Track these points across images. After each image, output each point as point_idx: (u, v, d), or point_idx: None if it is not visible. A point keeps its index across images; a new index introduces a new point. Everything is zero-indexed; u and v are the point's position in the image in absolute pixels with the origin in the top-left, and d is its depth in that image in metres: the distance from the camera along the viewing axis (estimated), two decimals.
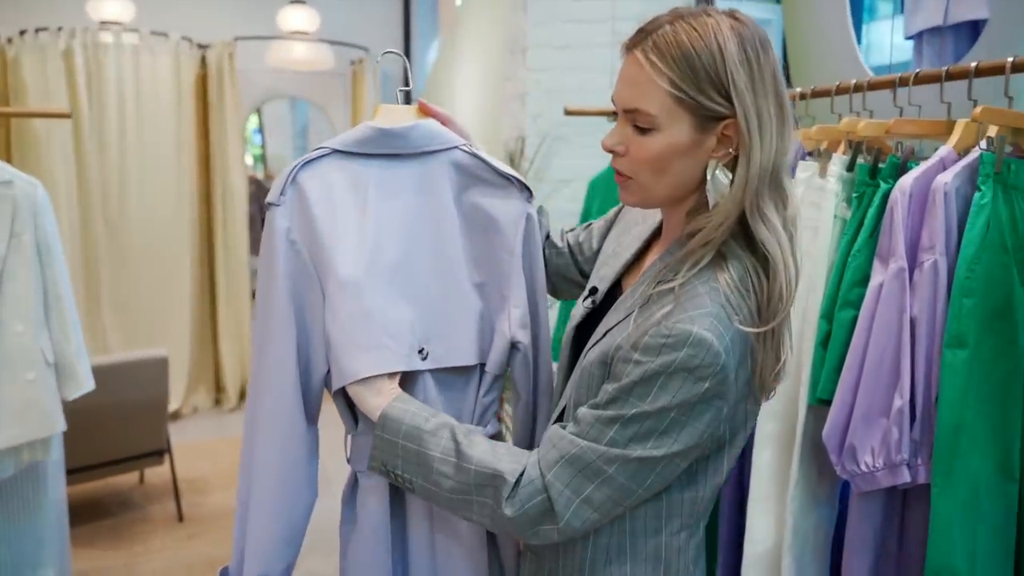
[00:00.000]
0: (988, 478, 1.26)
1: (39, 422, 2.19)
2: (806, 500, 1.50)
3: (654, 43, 0.91)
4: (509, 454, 0.99)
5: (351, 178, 1.10)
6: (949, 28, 2.24)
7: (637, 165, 0.96)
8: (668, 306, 0.92)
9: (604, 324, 1.02)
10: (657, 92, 0.91)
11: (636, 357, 0.90)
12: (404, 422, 1.02)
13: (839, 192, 1.50)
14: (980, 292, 1.23)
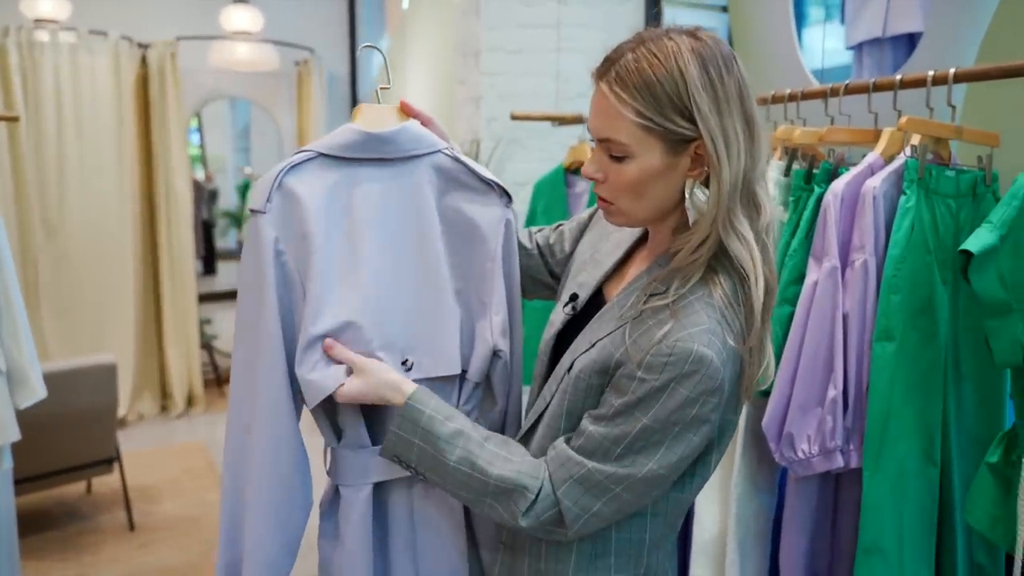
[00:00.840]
0: (913, 463, 1.37)
1: None
2: (748, 488, 1.59)
3: (617, 74, 0.95)
4: (526, 465, 1.01)
5: (337, 183, 1.07)
6: (888, 40, 2.37)
7: (617, 191, 0.99)
8: (667, 324, 0.94)
9: (591, 332, 1.04)
10: (625, 122, 0.94)
11: (640, 375, 0.93)
12: (420, 424, 1.03)
13: (776, 196, 1.59)
14: (906, 289, 1.33)
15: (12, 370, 2.23)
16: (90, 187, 4.94)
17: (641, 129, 0.94)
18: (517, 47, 2.98)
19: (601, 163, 0.99)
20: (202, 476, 4.25)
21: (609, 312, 1.04)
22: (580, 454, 0.98)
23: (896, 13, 2.37)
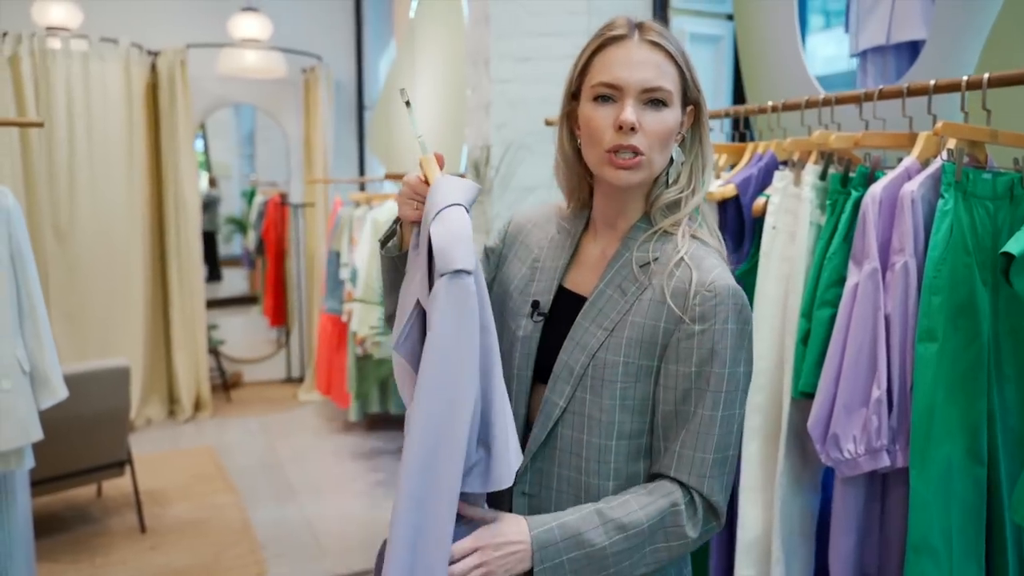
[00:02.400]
0: (959, 461, 1.38)
1: (16, 431, 2.17)
2: (792, 487, 1.61)
3: (659, 33, 1.06)
4: (650, 496, 1.03)
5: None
6: (891, 47, 2.40)
7: (651, 139, 1.05)
8: (689, 268, 1.05)
9: (591, 322, 1.08)
10: (671, 72, 1.06)
11: (698, 329, 1.02)
12: (557, 542, 0.99)
13: (813, 199, 1.61)
14: (946, 290, 1.35)
15: (34, 371, 2.24)
16: (100, 194, 4.95)
17: (679, 81, 1.07)
18: (525, 55, 3.01)
19: (641, 115, 1.05)
20: (212, 480, 4.25)
21: (604, 297, 1.09)
22: (696, 442, 1.02)
23: (899, 21, 2.40)
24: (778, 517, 1.60)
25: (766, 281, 1.66)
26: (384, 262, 1.19)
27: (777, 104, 1.87)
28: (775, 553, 1.60)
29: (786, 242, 1.65)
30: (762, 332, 1.65)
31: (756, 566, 1.65)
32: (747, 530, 1.65)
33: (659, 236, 1.10)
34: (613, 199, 1.13)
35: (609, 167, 1.06)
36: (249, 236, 7.12)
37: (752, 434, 1.66)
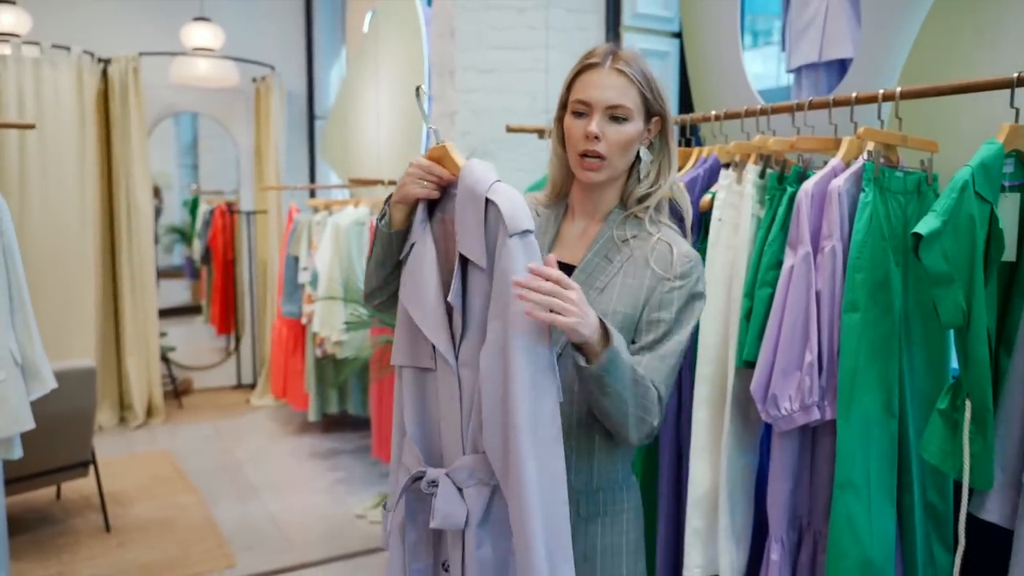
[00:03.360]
0: (876, 414, 1.63)
1: (9, 421, 2.25)
2: (735, 448, 1.83)
3: (625, 62, 1.34)
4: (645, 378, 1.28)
5: None
6: (823, 64, 2.69)
7: (613, 147, 1.33)
8: (667, 244, 1.36)
9: (591, 283, 1.35)
10: (632, 93, 1.33)
11: (677, 285, 1.33)
12: (623, 352, 1.23)
13: (754, 195, 1.85)
14: (867, 269, 1.60)
15: (25, 363, 2.33)
16: (52, 199, 4.95)
17: (640, 100, 1.34)
18: (489, 67, 3.21)
19: (602, 126, 1.32)
20: (171, 481, 4.30)
21: (593, 264, 1.37)
22: (659, 359, 1.29)
23: (830, 41, 2.69)
24: (724, 474, 1.82)
25: (713, 267, 1.89)
26: (382, 238, 1.35)
27: (720, 113, 2.11)
28: (722, 505, 1.82)
29: (730, 233, 1.88)
30: (709, 312, 1.88)
31: (705, 517, 1.87)
32: (697, 486, 1.87)
33: (631, 219, 1.39)
34: (589, 191, 1.42)
35: (579, 167, 1.36)
36: (194, 245, 7.08)
37: (701, 402, 1.88)
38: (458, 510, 1.24)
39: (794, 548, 1.75)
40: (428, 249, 1.29)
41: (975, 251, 1.43)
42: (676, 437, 2.04)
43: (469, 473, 1.25)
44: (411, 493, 1.32)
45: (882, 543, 1.62)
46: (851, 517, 1.59)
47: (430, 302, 1.27)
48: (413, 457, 1.33)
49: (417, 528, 1.34)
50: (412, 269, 1.31)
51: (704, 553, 1.87)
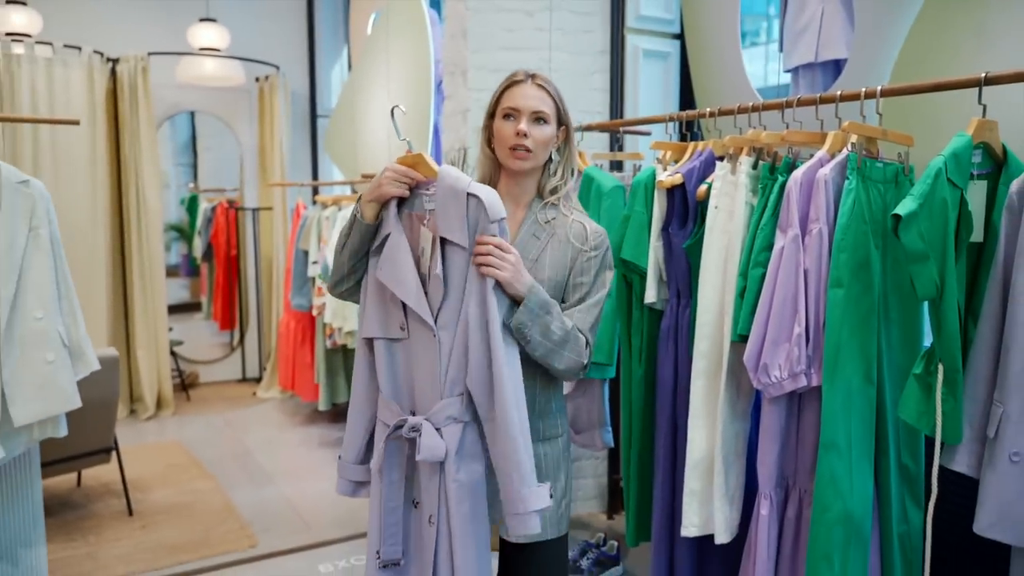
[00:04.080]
0: (858, 383, 1.80)
1: (58, 399, 2.40)
2: (730, 416, 2.00)
3: (545, 80, 1.72)
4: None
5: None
6: (819, 64, 2.86)
7: (537, 142, 1.68)
8: (581, 223, 1.71)
9: (525, 256, 1.67)
10: (549, 103, 1.70)
11: (592, 254, 1.69)
12: (540, 296, 1.58)
13: (747, 184, 2.02)
14: (850, 249, 1.77)
15: (71, 345, 2.48)
16: (64, 194, 5.08)
17: (554, 109, 1.71)
18: (500, 67, 3.37)
19: (529, 126, 1.68)
20: (187, 468, 4.45)
21: (525, 241, 1.70)
22: (586, 311, 1.67)
23: (826, 44, 2.87)
24: (719, 440, 1.99)
25: (710, 250, 2.06)
26: (362, 229, 1.63)
27: (715, 110, 2.28)
28: (717, 467, 1.99)
29: (725, 219, 2.05)
30: (706, 291, 2.05)
31: (701, 480, 2.04)
32: (694, 451, 2.04)
33: (548, 206, 1.74)
34: (515, 181, 1.75)
35: (511, 159, 1.70)
36: (195, 243, 7.19)
37: (698, 374, 2.05)
38: (438, 444, 1.55)
39: (781, 504, 1.93)
40: (401, 238, 1.59)
41: (947, 231, 1.60)
42: (672, 408, 2.22)
43: (446, 415, 1.57)
44: (391, 441, 1.60)
45: (861, 498, 1.79)
46: (834, 475, 1.76)
47: (410, 279, 1.58)
48: (390, 412, 1.63)
49: (394, 471, 1.63)
50: (390, 255, 1.60)
51: (700, 512, 2.04)
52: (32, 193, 2.41)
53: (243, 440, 5.04)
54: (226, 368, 6.54)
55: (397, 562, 1.64)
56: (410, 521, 1.65)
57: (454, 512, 1.56)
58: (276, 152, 6.01)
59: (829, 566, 1.75)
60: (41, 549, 2.86)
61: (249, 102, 6.27)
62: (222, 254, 6.80)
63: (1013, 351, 1.56)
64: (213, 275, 6.98)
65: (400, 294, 1.58)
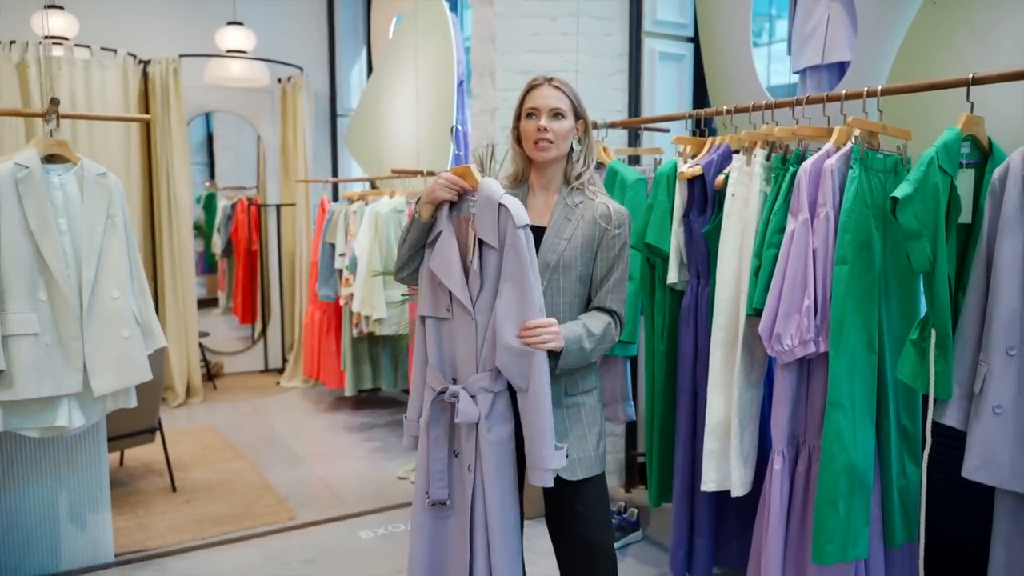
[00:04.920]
0: (860, 350, 2.02)
1: (132, 372, 2.64)
2: (745, 383, 2.23)
3: (560, 82, 1.96)
4: (601, 318, 1.93)
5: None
6: (825, 66, 3.09)
7: (556, 134, 1.92)
8: (606, 205, 1.95)
9: (559, 236, 1.93)
10: (566, 101, 1.94)
11: (617, 232, 1.94)
12: (572, 336, 1.85)
13: (761, 174, 2.24)
14: (854, 230, 1.99)
15: (142, 323, 2.72)
16: None
17: (570, 106, 1.94)
18: (526, 68, 3.60)
19: (548, 121, 1.92)
20: (222, 450, 4.68)
21: (558, 224, 1.94)
22: (615, 290, 1.94)
23: (831, 47, 3.10)
24: (735, 405, 2.22)
25: (727, 234, 2.28)
26: (419, 226, 1.93)
27: (731, 108, 2.51)
28: (733, 430, 2.22)
29: (741, 206, 2.28)
30: (723, 271, 2.28)
31: (719, 441, 2.27)
32: (713, 415, 2.27)
33: (574, 191, 1.98)
34: (543, 172, 2.00)
35: (536, 150, 1.94)
36: (214, 239, 7.39)
37: (716, 346, 2.28)
38: (472, 410, 1.85)
39: (793, 460, 2.15)
40: (451, 235, 1.88)
41: (939, 213, 1.83)
42: (692, 378, 2.45)
43: (479, 385, 1.86)
44: (435, 403, 1.90)
45: (863, 452, 2.02)
46: (839, 430, 1.99)
47: (455, 270, 1.87)
48: (436, 379, 1.93)
49: (438, 427, 1.92)
50: (441, 249, 1.89)
51: (718, 470, 2.27)
52: (109, 184, 2.65)
53: (271, 425, 5.27)
54: (248, 360, 6.77)
55: (444, 502, 1.93)
56: (452, 468, 1.94)
57: (486, 463, 1.86)
58: (299, 150, 6.24)
59: (835, 511, 1.98)
60: (106, 515, 3.11)
61: (272, 102, 6.50)
62: (242, 250, 7.01)
63: (995, 317, 1.78)
64: (233, 271, 7.20)
65: (446, 282, 1.87)
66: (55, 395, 2.55)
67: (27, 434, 2.58)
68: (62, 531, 3.03)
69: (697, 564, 2.49)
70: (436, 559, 1.97)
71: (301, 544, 3.37)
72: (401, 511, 3.71)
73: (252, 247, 6.92)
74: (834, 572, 2.04)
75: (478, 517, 1.88)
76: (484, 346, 1.86)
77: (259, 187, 6.81)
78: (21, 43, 5.04)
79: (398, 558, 3.19)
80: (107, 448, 3.14)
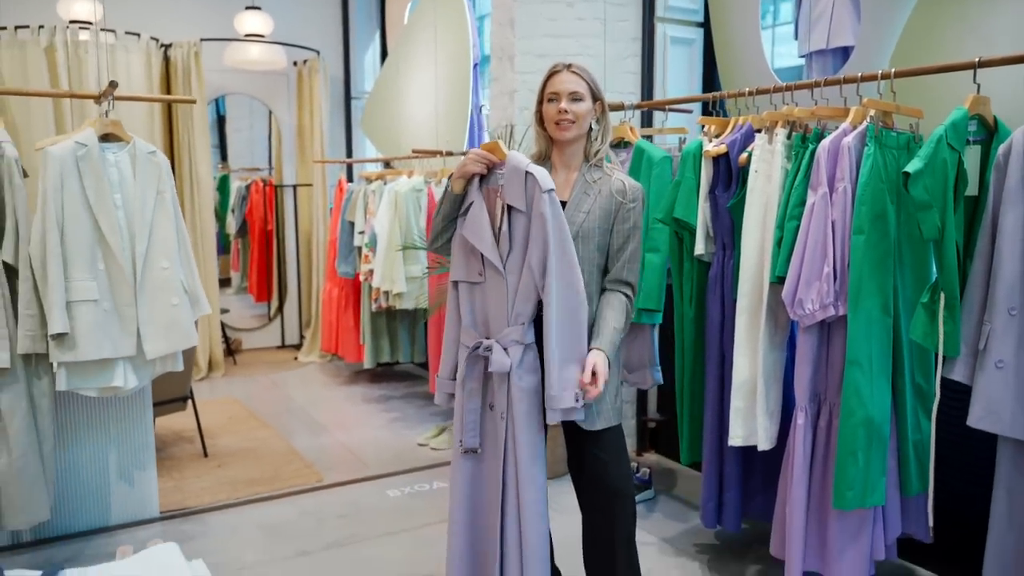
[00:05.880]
0: (876, 313, 2.20)
1: (181, 337, 2.81)
2: (768, 345, 2.40)
3: (578, 68, 2.12)
4: (620, 305, 2.11)
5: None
6: (830, 50, 3.25)
7: (577, 116, 2.09)
8: (621, 181, 2.12)
9: (579, 209, 2.09)
10: (583, 85, 2.09)
11: (631, 205, 2.11)
12: (611, 344, 2.07)
13: (782, 152, 2.41)
14: (869, 203, 2.16)
15: (189, 291, 2.88)
16: None
17: (588, 89, 2.10)
18: (543, 52, 3.75)
19: (568, 103, 2.08)
20: (246, 420, 4.86)
21: (577, 198, 2.11)
22: (631, 261, 2.11)
23: (836, 32, 3.26)
24: (761, 365, 2.39)
25: (751, 208, 2.45)
26: (450, 199, 2.11)
27: (752, 89, 2.67)
28: (759, 388, 2.40)
29: (764, 181, 2.44)
30: (748, 242, 2.45)
31: (745, 399, 2.45)
32: (739, 374, 2.45)
33: (593, 167, 2.14)
34: (564, 151, 2.16)
35: (557, 130, 2.11)
36: (228, 220, 7.52)
37: (742, 311, 2.45)
38: (504, 360, 2.03)
39: (815, 416, 2.33)
40: (481, 205, 2.07)
41: (947, 186, 1.99)
42: (720, 341, 2.62)
43: (511, 339, 2.05)
44: (470, 358, 2.08)
45: (880, 407, 2.19)
46: (857, 386, 2.16)
47: (486, 235, 2.05)
48: (470, 336, 2.12)
49: (472, 380, 2.11)
50: (472, 217, 2.08)
51: (744, 426, 2.45)
52: (159, 162, 2.80)
53: (292, 397, 5.45)
54: (265, 336, 6.93)
55: (475, 449, 2.13)
56: (486, 419, 2.14)
57: (516, 409, 2.05)
58: (316, 131, 6.38)
59: (855, 461, 2.16)
60: (152, 473, 3.29)
61: (288, 85, 6.63)
62: (257, 230, 7.15)
63: (999, 281, 1.96)
64: (247, 250, 7.34)
65: (479, 246, 2.06)
66: (112, 357, 2.71)
67: (86, 393, 2.74)
68: (112, 488, 3.20)
69: (727, 516, 2.68)
70: (474, 501, 2.17)
71: (332, 502, 3.55)
72: (425, 472, 3.90)
73: (267, 227, 7.06)
74: (854, 517, 2.23)
75: (510, 460, 2.07)
76: (516, 302, 2.04)
77: (275, 168, 6.95)
78: (49, 28, 5.16)
79: (426, 513, 3.38)
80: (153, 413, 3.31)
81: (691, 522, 3.23)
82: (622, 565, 2.17)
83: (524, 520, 2.04)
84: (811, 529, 2.32)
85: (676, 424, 2.92)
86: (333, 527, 3.27)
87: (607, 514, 2.16)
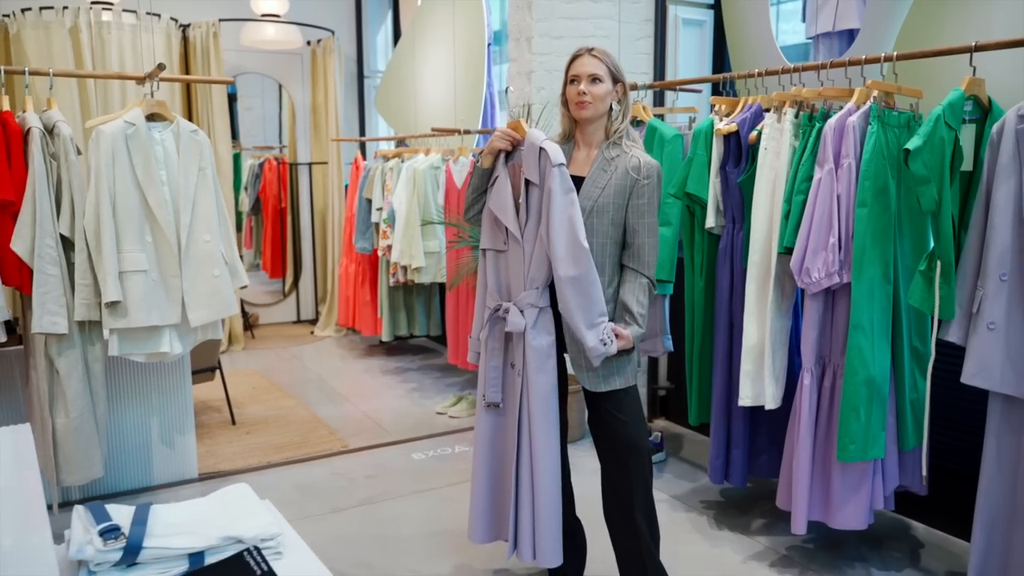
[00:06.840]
0: (878, 280, 2.37)
1: (223, 306, 2.98)
2: (776, 312, 2.58)
3: (599, 51, 2.22)
4: (642, 291, 2.21)
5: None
6: (836, 33, 3.39)
7: (595, 96, 2.18)
8: (637, 158, 2.19)
9: (592, 187, 2.19)
10: (603, 67, 2.19)
11: (646, 182, 2.18)
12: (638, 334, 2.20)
13: (791, 130, 2.57)
14: (872, 178, 2.32)
15: (229, 263, 3.05)
16: None
17: (608, 71, 2.20)
18: (560, 34, 3.90)
19: (587, 85, 2.19)
20: (270, 391, 5.05)
21: (597, 173, 2.21)
22: (650, 233, 2.19)
23: (842, 15, 3.40)
24: (769, 330, 2.57)
25: (760, 183, 2.61)
26: (479, 173, 2.28)
27: (762, 71, 2.82)
28: (766, 352, 2.57)
29: (773, 158, 2.60)
30: (757, 215, 2.61)
31: (753, 362, 2.62)
32: (748, 339, 2.62)
33: (612, 145, 2.24)
34: (585, 130, 2.27)
35: (577, 110, 2.22)
36: (241, 198, 7.65)
37: (751, 280, 2.62)
38: (519, 320, 2.20)
39: (820, 377, 2.51)
40: (506, 179, 2.23)
41: (944, 162, 2.16)
42: (729, 308, 2.80)
43: (527, 302, 2.20)
44: (492, 319, 2.27)
45: (880, 367, 2.37)
46: (860, 348, 2.34)
47: (509, 207, 2.20)
48: (493, 299, 2.28)
49: (494, 339, 2.29)
50: (497, 190, 2.24)
51: (752, 388, 2.63)
52: (200, 140, 2.96)
53: (312, 369, 5.64)
54: (280, 311, 7.11)
55: (497, 404, 2.32)
56: (507, 377, 2.31)
57: (530, 367, 2.22)
58: (330, 110, 6.52)
59: (857, 417, 2.34)
60: (191, 437, 3.48)
61: (302, 64, 6.76)
62: (271, 207, 7.29)
63: (991, 249, 2.12)
64: (261, 228, 7.49)
65: (501, 217, 2.23)
66: (160, 325, 2.89)
67: (135, 359, 2.92)
68: (154, 451, 3.39)
69: (733, 472, 2.87)
70: (496, 452, 2.36)
71: (361, 464, 3.75)
72: (447, 438, 4.09)
73: (281, 204, 7.21)
74: (855, 470, 2.41)
75: (524, 414, 2.24)
76: (531, 268, 2.20)
77: (289, 146, 7.09)
78: (73, 9, 5.29)
79: (450, 474, 3.57)
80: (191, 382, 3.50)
81: (699, 481, 3.43)
82: (640, 515, 2.35)
83: (536, 469, 2.23)
84: (816, 481, 2.50)
85: (685, 390, 3.10)
86: (363, 487, 3.47)
87: (625, 468, 2.32)
